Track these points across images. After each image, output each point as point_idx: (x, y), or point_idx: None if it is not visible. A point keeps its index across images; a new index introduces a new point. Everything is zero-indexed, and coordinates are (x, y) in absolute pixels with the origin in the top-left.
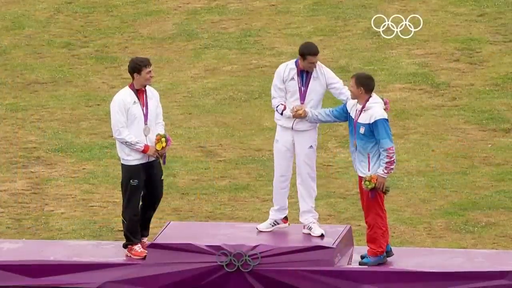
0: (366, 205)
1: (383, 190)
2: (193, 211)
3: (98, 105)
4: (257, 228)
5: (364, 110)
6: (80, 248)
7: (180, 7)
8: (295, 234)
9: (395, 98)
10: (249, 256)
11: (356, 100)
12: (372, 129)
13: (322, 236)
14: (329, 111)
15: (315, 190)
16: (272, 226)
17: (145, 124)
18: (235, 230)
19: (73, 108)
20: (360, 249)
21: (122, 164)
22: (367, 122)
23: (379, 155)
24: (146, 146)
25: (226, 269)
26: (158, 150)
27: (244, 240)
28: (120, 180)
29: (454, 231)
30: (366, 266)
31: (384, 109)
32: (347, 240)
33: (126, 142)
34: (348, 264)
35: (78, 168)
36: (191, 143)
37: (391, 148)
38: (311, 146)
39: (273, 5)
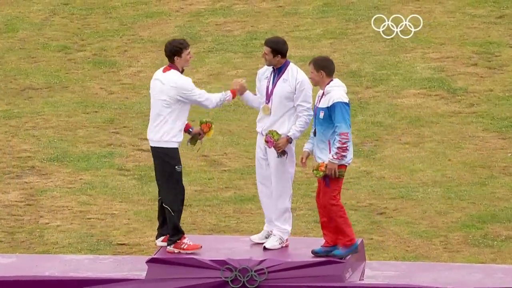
0: (322, 197)
1: (336, 176)
2: (196, 223)
3: (96, 112)
4: (250, 239)
5: (324, 95)
6: (76, 263)
7: (182, 8)
8: (304, 248)
9: (410, 104)
10: (255, 271)
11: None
12: (330, 112)
13: (264, 248)
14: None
15: (284, 203)
16: (266, 238)
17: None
18: (241, 244)
19: (70, 115)
20: (372, 264)
21: (162, 148)
22: (325, 105)
23: None
24: (233, 91)
25: (231, 285)
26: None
27: (250, 255)
28: (157, 168)
29: (472, 245)
30: (372, 283)
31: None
32: (359, 254)
33: (220, 101)
34: (359, 279)
35: (75, 179)
36: (193, 152)
37: (346, 134)
38: (279, 156)
39: (281, 6)
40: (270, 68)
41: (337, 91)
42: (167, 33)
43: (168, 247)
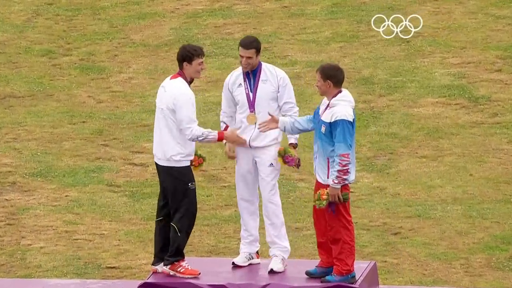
0: (328, 217)
1: (341, 201)
2: (193, 244)
3: (83, 122)
4: (233, 263)
5: (329, 107)
6: None
7: (178, 9)
8: None
9: (427, 114)
10: None
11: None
12: (331, 129)
13: (272, 271)
14: (309, 117)
15: (279, 217)
16: (248, 259)
17: None
18: (242, 267)
19: (54, 126)
20: None
21: (170, 167)
22: (328, 120)
23: None
24: (220, 135)
25: None
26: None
27: (252, 279)
28: (168, 187)
29: (496, 269)
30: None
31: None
32: (372, 279)
33: (201, 136)
34: None
35: (60, 196)
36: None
37: (346, 156)
38: (271, 164)
39: (286, 6)
40: (239, 75)
41: (342, 106)
42: (161, 36)
43: (164, 266)
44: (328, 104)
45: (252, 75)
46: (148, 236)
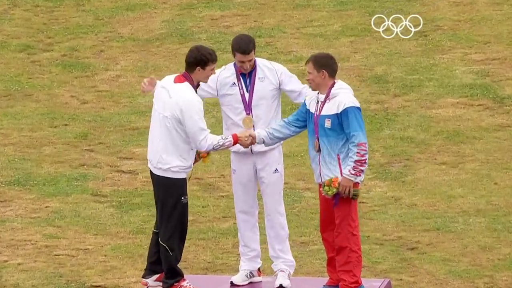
0: (337, 223)
1: (350, 196)
2: (188, 261)
3: (66, 125)
4: (231, 282)
5: (329, 99)
6: None
7: (170, 0)
8: None
9: (447, 116)
10: None
11: (315, 92)
12: (341, 120)
13: (281, 287)
14: (285, 121)
15: (284, 229)
16: (248, 278)
17: None
18: (242, 286)
19: (34, 129)
20: None
21: (166, 177)
22: (334, 112)
23: None
24: (235, 136)
25: None
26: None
27: None
28: (159, 198)
29: None
30: None
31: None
32: None
33: (217, 144)
34: None
35: (40, 206)
36: None
37: (364, 145)
38: (276, 170)
39: None
40: (232, 72)
41: (345, 94)
42: (152, 30)
43: None
44: (327, 97)
45: (247, 73)
46: (137, 251)
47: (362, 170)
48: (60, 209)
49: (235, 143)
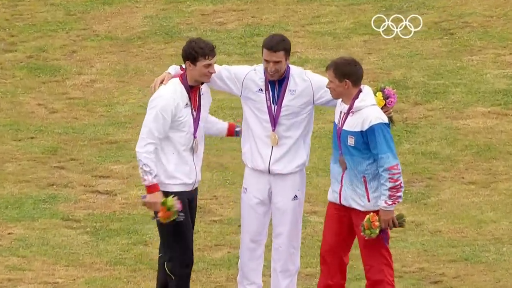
0: (366, 254)
1: (397, 226)
2: None
3: (32, 138)
4: None
5: (352, 112)
6: None
7: None
8: None
9: (477, 127)
10: None
11: (340, 100)
12: (366, 139)
13: None
14: None
15: (295, 263)
16: None
17: (194, 136)
18: None
19: None
20: None
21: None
22: (358, 129)
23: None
24: (156, 186)
25: None
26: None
27: None
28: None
29: None
30: None
31: (385, 110)
32: None
33: (140, 161)
34: None
35: (1, 233)
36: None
37: (396, 167)
38: (295, 197)
39: None
40: (260, 77)
41: (372, 108)
42: (133, 27)
43: None
44: (351, 109)
45: (278, 83)
46: (116, 285)
47: (400, 196)
48: (25, 236)
49: (150, 190)
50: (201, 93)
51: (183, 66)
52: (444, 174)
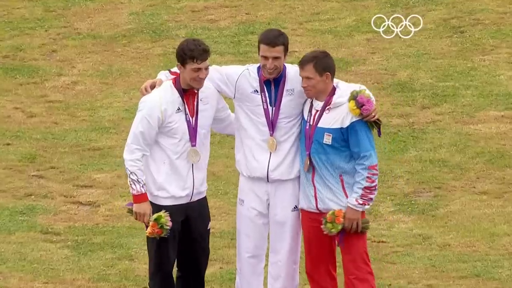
0: (348, 267)
1: (359, 230)
2: None
3: (8, 144)
4: None
5: (329, 109)
6: None
7: None
8: None
9: (489, 133)
10: None
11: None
12: (346, 136)
13: None
14: None
15: (295, 279)
16: None
17: (192, 144)
18: None
19: None
20: None
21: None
22: (337, 126)
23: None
24: (144, 196)
25: None
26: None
27: None
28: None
29: None
30: None
31: (364, 118)
32: None
33: (126, 169)
34: None
35: None
36: None
37: (376, 167)
38: (295, 208)
39: None
40: (254, 78)
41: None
42: (118, 25)
43: None
44: (327, 105)
45: (274, 83)
46: None
47: (371, 199)
48: (1, 251)
49: (135, 198)
50: (199, 98)
51: (172, 70)
52: (454, 183)
